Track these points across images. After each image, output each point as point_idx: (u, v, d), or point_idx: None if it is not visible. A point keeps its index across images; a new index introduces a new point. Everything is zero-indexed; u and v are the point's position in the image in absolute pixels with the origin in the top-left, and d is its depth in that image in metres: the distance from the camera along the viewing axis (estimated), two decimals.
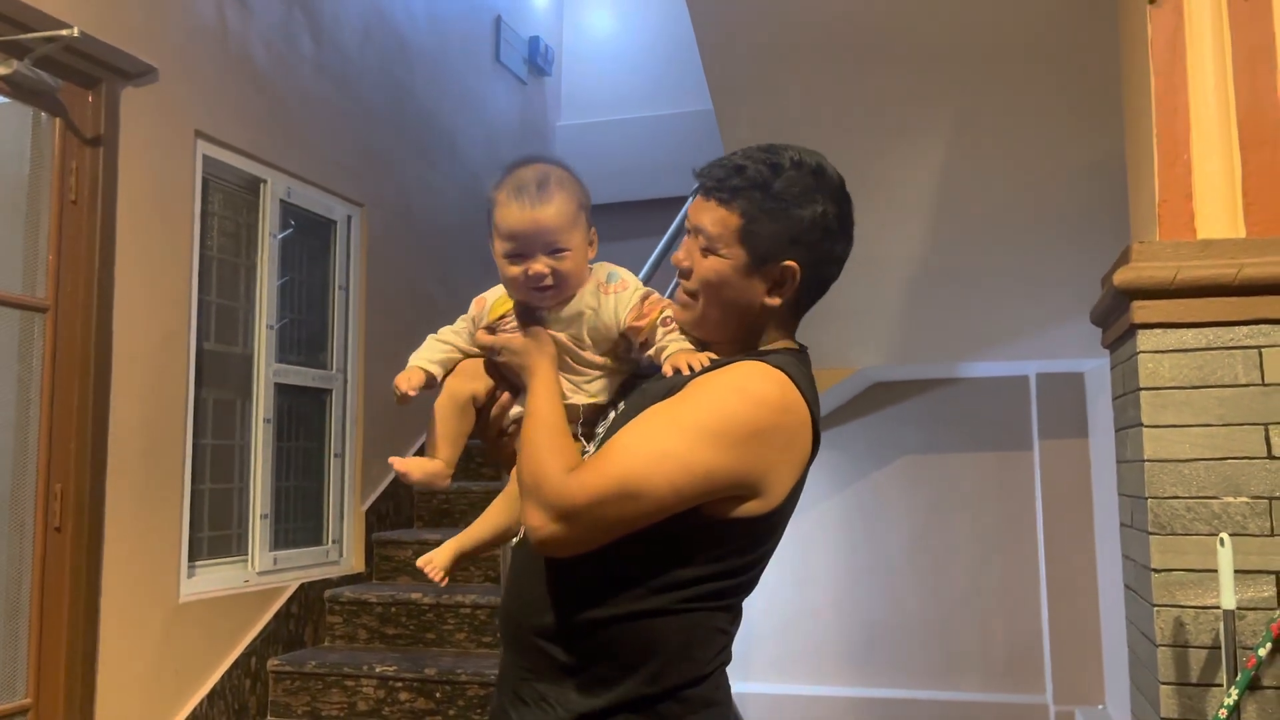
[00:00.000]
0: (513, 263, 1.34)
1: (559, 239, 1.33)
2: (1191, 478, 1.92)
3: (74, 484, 2.72)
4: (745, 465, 1.23)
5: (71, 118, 2.77)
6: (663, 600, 1.26)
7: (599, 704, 1.25)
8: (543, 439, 1.27)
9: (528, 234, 1.32)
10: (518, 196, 1.32)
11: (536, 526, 1.21)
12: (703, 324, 1.34)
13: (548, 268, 1.32)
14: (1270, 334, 1.92)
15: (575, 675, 1.27)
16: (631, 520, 1.21)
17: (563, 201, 1.33)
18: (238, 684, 3.24)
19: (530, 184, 1.33)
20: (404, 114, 4.36)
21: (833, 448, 5.67)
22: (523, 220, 1.32)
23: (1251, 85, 1.99)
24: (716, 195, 1.31)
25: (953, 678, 5.39)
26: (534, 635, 1.30)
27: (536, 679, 1.30)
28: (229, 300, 3.39)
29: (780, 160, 1.33)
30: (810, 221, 1.32)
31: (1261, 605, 1.86)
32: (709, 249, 1.31)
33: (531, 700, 1.31)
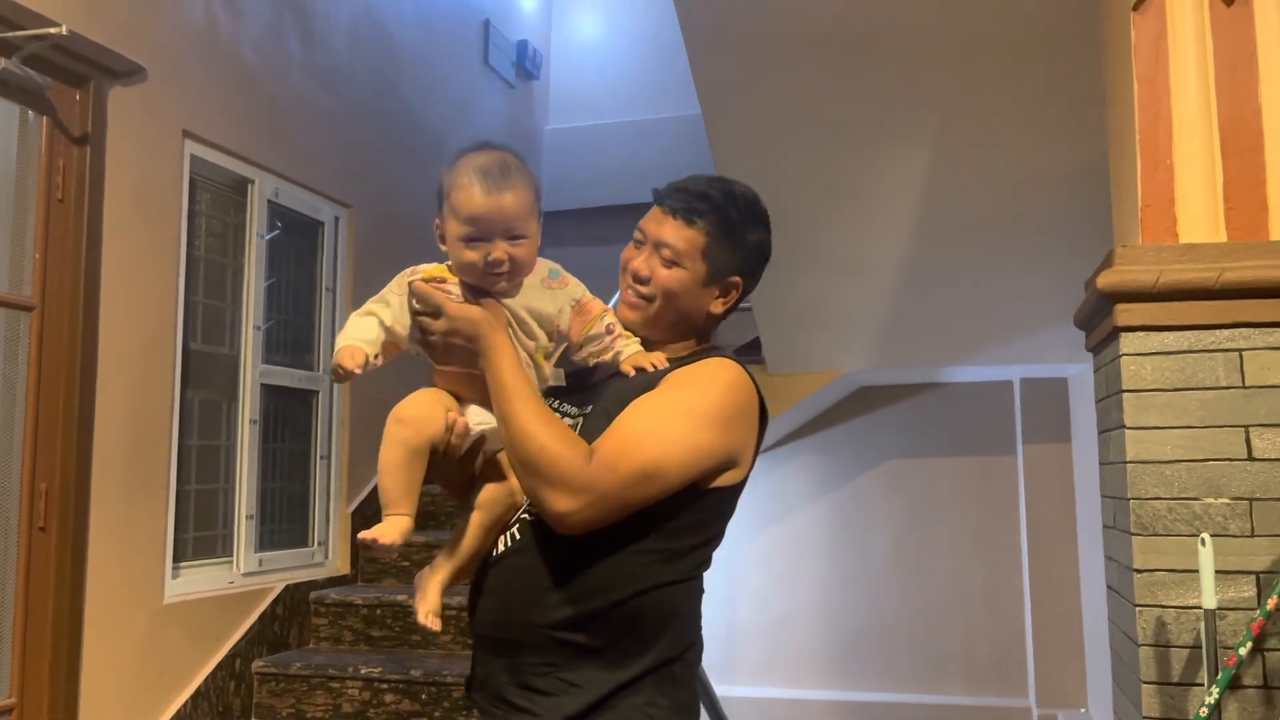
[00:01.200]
0: (471, 247, 1.37)
1: (519, 225, 1.37)
2: (1173, 479, 1.94)
3: (59, 484, 2.71)
4: (732, 442, 1.42)
5: (59, 116, 2.77)
6: (673, 570, 1.42)
7: (629, 675, 1.38)
8: (532, 417, 1.35)
9: (491, 218, 1.35)
10: (483, 180, 1.35)
11: (564, 511, 1.31)
12: (654, 325, 1.50)
13: (506, 253, 1.37)
14: (1251, 337, 1.94)
15: (602, 655, 1.38)
16: (648, 499, 1.35)
17: (524, 188, 1.38)
18: (222, 685, 3.23)
19: (494, 168, 1.37)
20: (392, 116, 4.37)
21: (818, 452, 5.69)
22: (487, 205, 1.35)
23: (1233, 92, 2.01)
24: (684, 215, 1.47)
25: (936, 681, 5.41)
26: (551, 630, 1.38)
27: (559, 669, 1.39)
28: (216, 301, 3.38)
29: (734, 191, 1.51)
30: (755, 245, 1.53)
31: (1242, 605, 1.88)
32: (673, 261, 1.46)
33: (554, 690, 1.38)
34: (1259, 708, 1.86)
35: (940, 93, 3.05)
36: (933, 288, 4.07)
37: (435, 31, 4.79)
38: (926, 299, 4.16)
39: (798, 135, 3.33)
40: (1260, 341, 1.94)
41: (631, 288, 1.49)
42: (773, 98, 3.18)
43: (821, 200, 3.59)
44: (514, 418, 1.34)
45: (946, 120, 3.17)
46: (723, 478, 1.43)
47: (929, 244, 3.75)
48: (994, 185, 3.41)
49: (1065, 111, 2.98)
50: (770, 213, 1.55)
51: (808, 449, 5.70)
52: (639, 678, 1.39)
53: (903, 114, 3.17)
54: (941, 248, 3.78)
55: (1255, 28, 2.02)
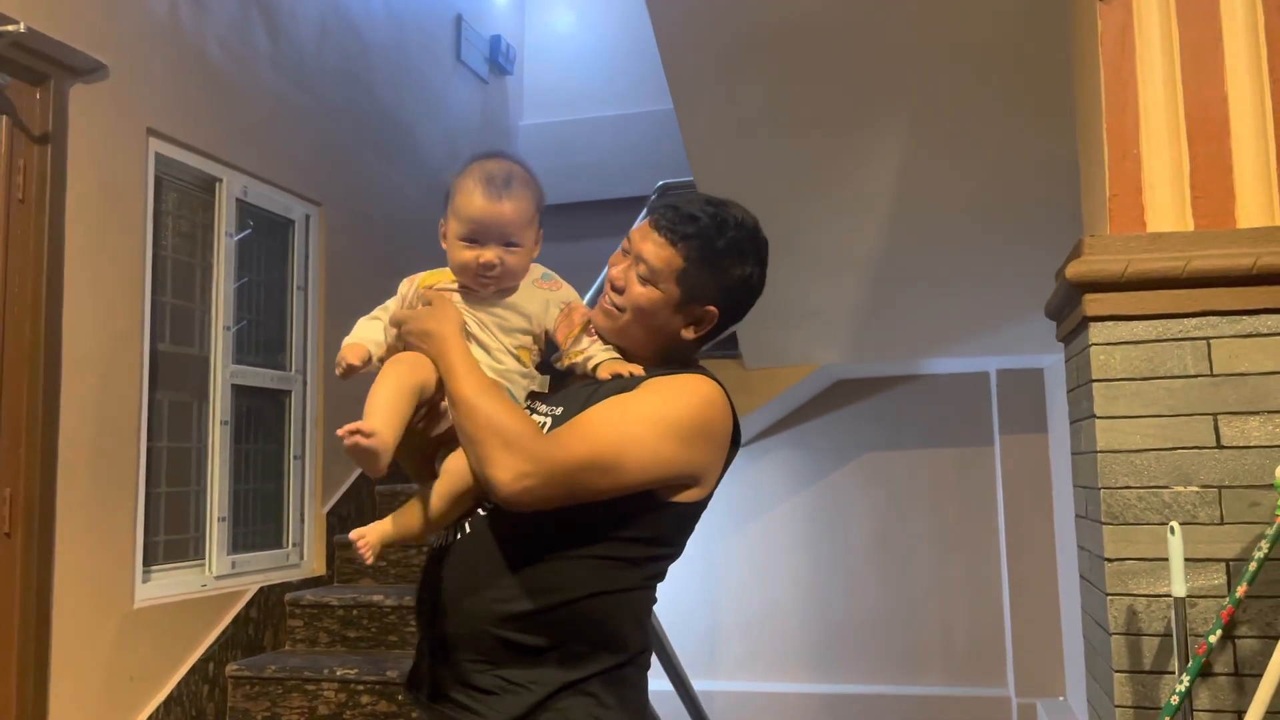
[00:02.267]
0: (467, 247, 1.42)
1: (515, 233, 1.43)
2: (1143, 468, 1.95)
3: (24, 489, 2.67)
4: (695, 458, 1.41)
5: (19, 115, 2.72)
6: (625, 578, 1.41)
7: (576, 676, 1.38)
8: (479, 392, 1.36)
9: (488, 223, 1.41)
10: (486, 186, 1.41)
11: (509, 479, 1.30)
12: (623, 336, 1.49)
13: (498, 258, 1.42)
14: (1218, 325, 1.95)
15: (547, 656, 1.37)
16: (597, 492, 1.34)
17: (525, 200, 1.43)
18: (195, 690, 3.19)
19: (499, 177, 1.42)
20: (363, 112, 4.33)
21: (795, 445, 5.70)
22: (486, 210, 1.41)
23: (1199, 80, 2.02)
24: (667, 233, 1.44)
25: (916, 672, 5.43)
26: (498, 626, 1.37)
27: (498, 667, 1.37)
28: (184, 301, 3.34)
29: (727, 217, 1.46)
30: (740, 279, 1.48)
31: (1212, 593, 1.89)
32: (647, 279, 1.44)
33: (496, 688, 1.37)
34: (1230, 695, 1.87)
35: (912, 86, 3.04)
36: (908, 280, 4.07)
37: (406, 26, 4.75)
38: (902, 291, 4.16)
39: (770, 130, 3.32)
40: (1228, 330, 1.95)
41: (608, 295, 1.50)
42: (745, 92, 3.17)
43: (795, 194, 3.59)
44: (461, 395, 1.35)
45: (919, 113, 3.17)
46: (684, 494, 1.42)
47: (903, 237, 3.75)
48: (967, 177, 3.41)
49: (1037, 103, 2.99)
50: (743, 206, 1.53)
51: (786, 443, 5.70)
52: (587, 678, 1.38)
53: (875, 107, 3.17)
54: (916, 240, 3.79)
55: (1221, 16, 2.03)
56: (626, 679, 1.42)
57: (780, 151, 3.40)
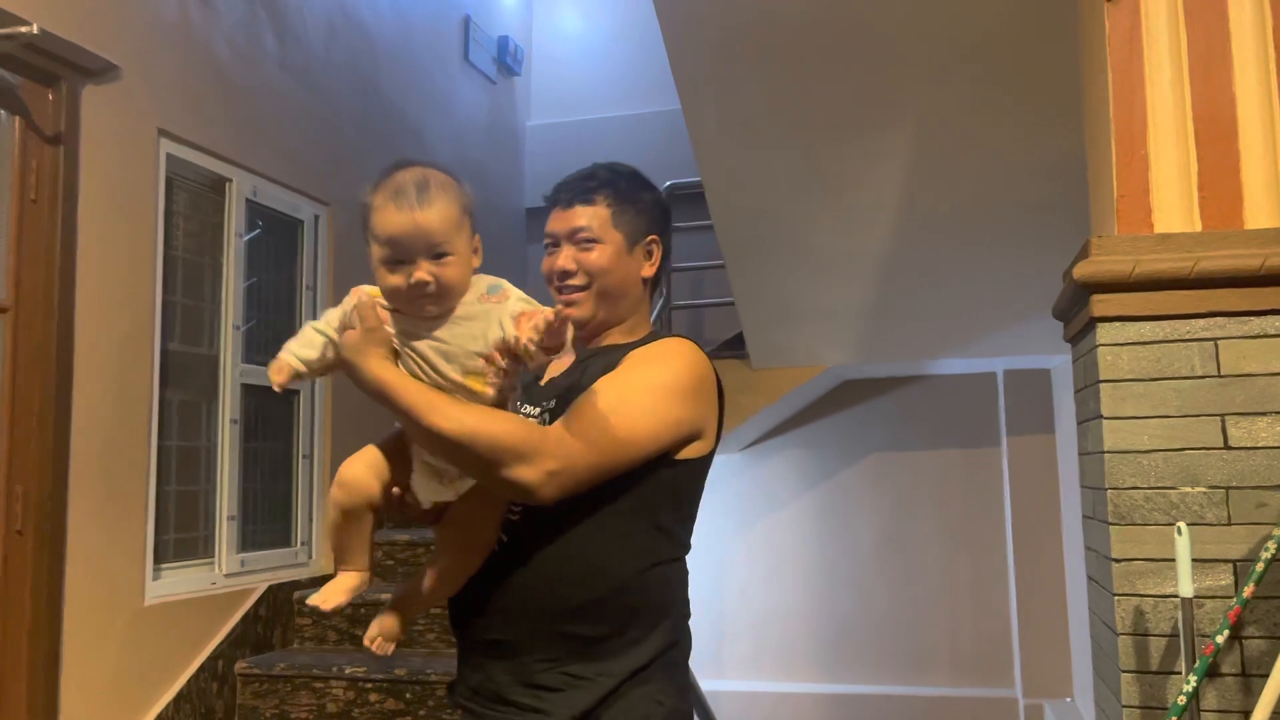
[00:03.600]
0: (392, 270, 1.28)
1: (441, 242, 1.27)
2: (1150, 468, 1.95)
3: (36, 486, 2.69)
4: (696, 413, 1.46)
5: (32, 116, 2.74)
6: (663, 547, 1.47)
7: (638, 664, 1.41)
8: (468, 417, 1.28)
9: (409, 238, 1.26)
10: (396, 199, 1.27)
11: (541, 480, 1.30)
12: (598, 309, 1.54)
13: (430, 274, 1.26)
14: (1226, 326, 1.95)
15: (609, 644, 1.40)
16: (621, 466, 1.38)
17: (445, 204, 1.28)
18: (205, 687, 3.21)
19: (409, 186, 1.27)
20: (371, 113, 4.34)
21: (802, 446, 5.70)
22: (402, 223, 1.26)
23: (1207, 81, 2.02)
24: (581, 200, 1.54)
25: (922, 673, 5.43)
26: (558, 624, 1.39)
27: (565, 663, 1.39)
28: (194, 300, 3.36)
29: (614, 166, 1.59)
30: (655, 202, 1.60)
31: (1219, 593, 1.89)
32: (591, 241, 1.52)
33: (562, 685, 1.39)
34: (1237, 695, 1.87)
35: (919, 86, 3.05)
36: (915, 280, 4.07)
37: (414, 27, 4.77)
38: (909, 292, 4.16)
39: (778, 129, 3.33)
40: (1236, 330, 1.95)
41: (563, 288, 1.52)
42: (752, 93, 3.18)
43: (803, 194, 3.59)
44: (442, 429, 1.27)
45: (925, 113, 3.17)
46: (690, 449, 1.47)
47: (910, 237, 3.75)
48: (974, 177, 3.41)
49: (1044, 103, 2.99)
50: (751, 207, 1.60)
51: (792, 443, 5.70)
52: (646, 665, 1.42)
53: (882, 107, 3.17)
54: (923, 240, 3.79)
55: (1229, 17, 2.03)
56: (677, 663, 1.48)
57: (787, 151, 3.40)
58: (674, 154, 5.17)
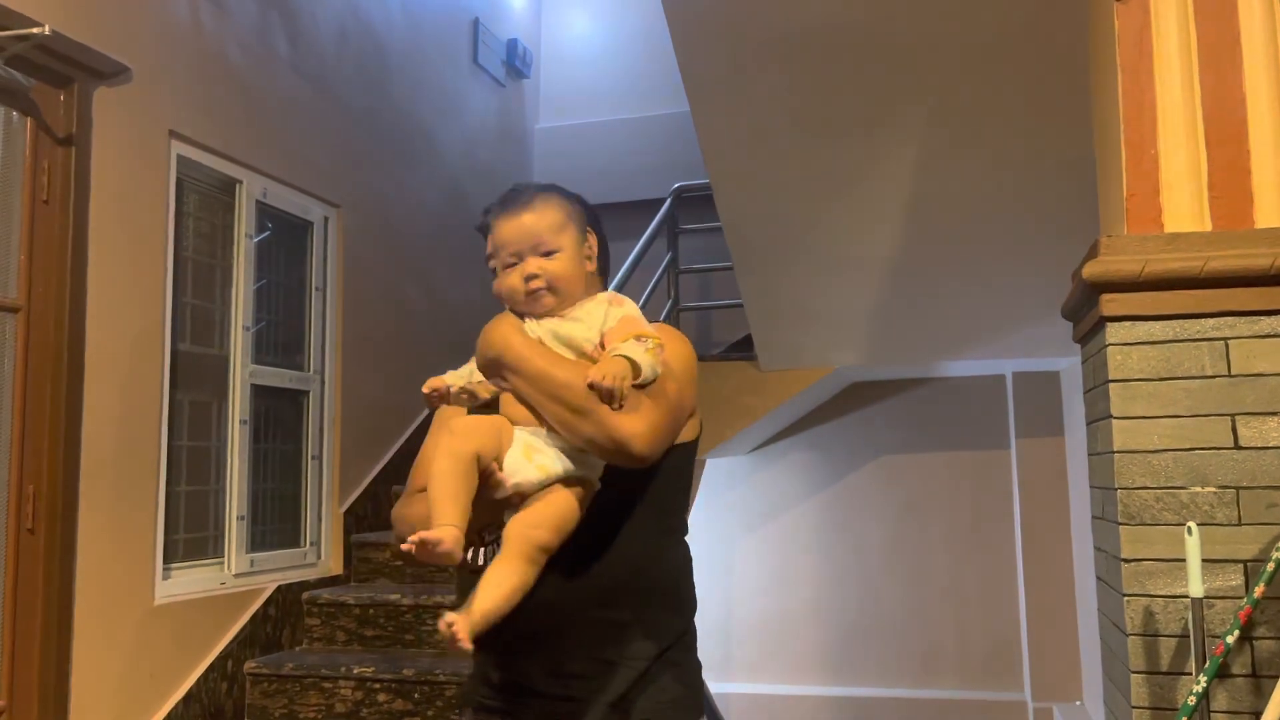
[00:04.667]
0: (509, 272, 1.44)
1: (547, 239, 1.44)
2: (1160, 468, 1.94)
3: (47, 486, 2.70)
4: (694, 396, 1.53)
5: (44, 117, 2.76)
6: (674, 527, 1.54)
7: (665, 644, 1.46)
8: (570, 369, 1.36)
9: (517, 238, 1.43)
10: (504, 209, 1.46)
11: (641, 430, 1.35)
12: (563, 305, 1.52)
13: (539, 267, 1.42)
14: (1236, 326, 1.94)
15: (639, 627, 1.44)
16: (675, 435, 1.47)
17: (546, 207, 1.46)
18: (214, 687, 3.22)
19: (515, 198, 1.47)
20: (381, 115, 4.36)
21: (810, 448, 5.69)
22: (510, 227, 1.44)
23: (1217, 81, 2.02)
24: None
25: (932, 676, 5.41)
26: (590, 608, 1.42)
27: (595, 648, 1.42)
28: (204, 301, 3.37)
29: (530, 182, 1.64)
30: (581, 204, 1.57)
31: (1229, 594, 1.88)
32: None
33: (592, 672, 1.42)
34: (1247, 696, 1.86)
35: (927, 87, 3.04)
36: (923, 282, 4.06)
37: (424, 30, 4.78)
38: (917, 294, 4.16)
39: (786, 131, 3.33)
40: (1246, 330, 1.94)
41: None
42: (761, 94, 3.18)
43: (811, 196, 3.59)
44: (559, 379, 1.36)
45: (935, 114, 3.17)
46: (686, 431, 1.53)
47: (919, 238, 3.75)
48: (983, 178, 3.41)
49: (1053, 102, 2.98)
50: (760, 209, 1.62)
51: (800, 445, 5.70)
52: (672, 646, 1.47)
53: (891, 109, 3.17)
54: (931, 242, 3.78)
55: (1239, 16, 2.03)
56: (691, 645, 1.54)
57: (796, 153, 3.40)
58: (683, 156, 5.18)
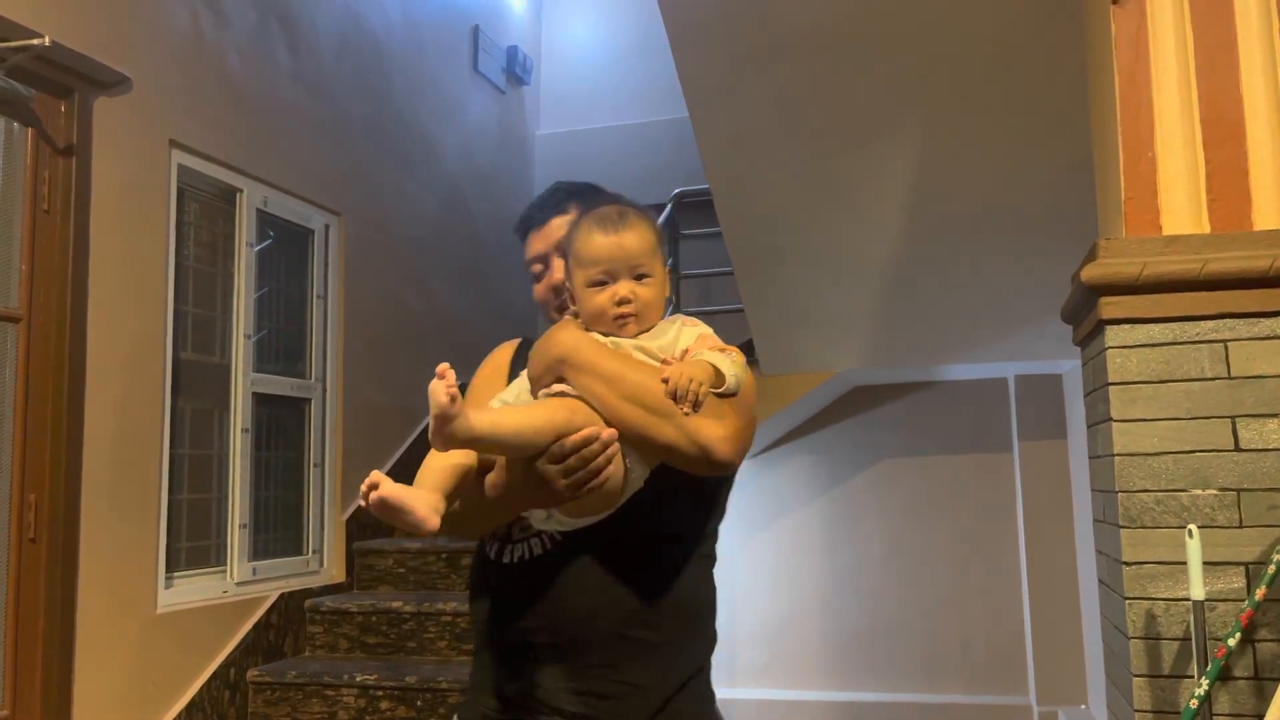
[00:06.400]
0: (597, 290, 1.38)
1: (642, 263, 1.39)
2: (1160, 471, 1.94)
3: (49, 495, 2.71)
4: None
5: (45, 127, 2.77)
6: (703, 551, 1.51)
7: (685, 674, 1.43)
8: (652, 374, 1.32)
9: (613, 258, 1.37)
10: (601, 225, 1.39)
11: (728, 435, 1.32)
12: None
13: (631, 291, 1.37)
14: (1235, 328, 1.94)
15: (661, 652, 1.41)
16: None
17: (645, 228, 1.40)
18: (217, 695, 3.22)
19: (613, 214, 1.40)
20: (381, 123, 4.37)
21: (812, 452, 5.69)
22: (608, 244, 1.38)
23: (1213, 83, 2.02)
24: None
25: (936, 680, 5.40)
26: (619, 627, 1.38)
27: (619, 670, 1.38)
28: (206, 310, 3.38)
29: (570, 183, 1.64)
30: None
31: (1231, 596, 1.88)
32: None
33: (615, 693, 1.38)
34: (1249, 699, 1.85)
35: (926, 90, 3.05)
36: (924, 285, 4.06)
37: (424, 38, 4.80)
38: (919, 297, 4.15)
39: (785, 136, 3.33)
40: (1245, 332, 1.94)
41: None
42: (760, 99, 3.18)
43: (811, 200, 3.59)
44: (637, 382, 1.30)
45: (933, 117, 3.17)
46: None
47: (919, 241, 3.75)
48: (982, 181, 3.41)
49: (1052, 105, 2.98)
50: (760, 213, 1.59)
51: (802, 449, 5.69)
52: (694, 675, 1.45)
53: (890, 112, 3.17)
54: (932, 245, 3.78)
55: (1235, 17, 2.03)
56: (709, 678, 1.51)
57: (795, 158, 3.40)
58: (682, 161, 5.18)
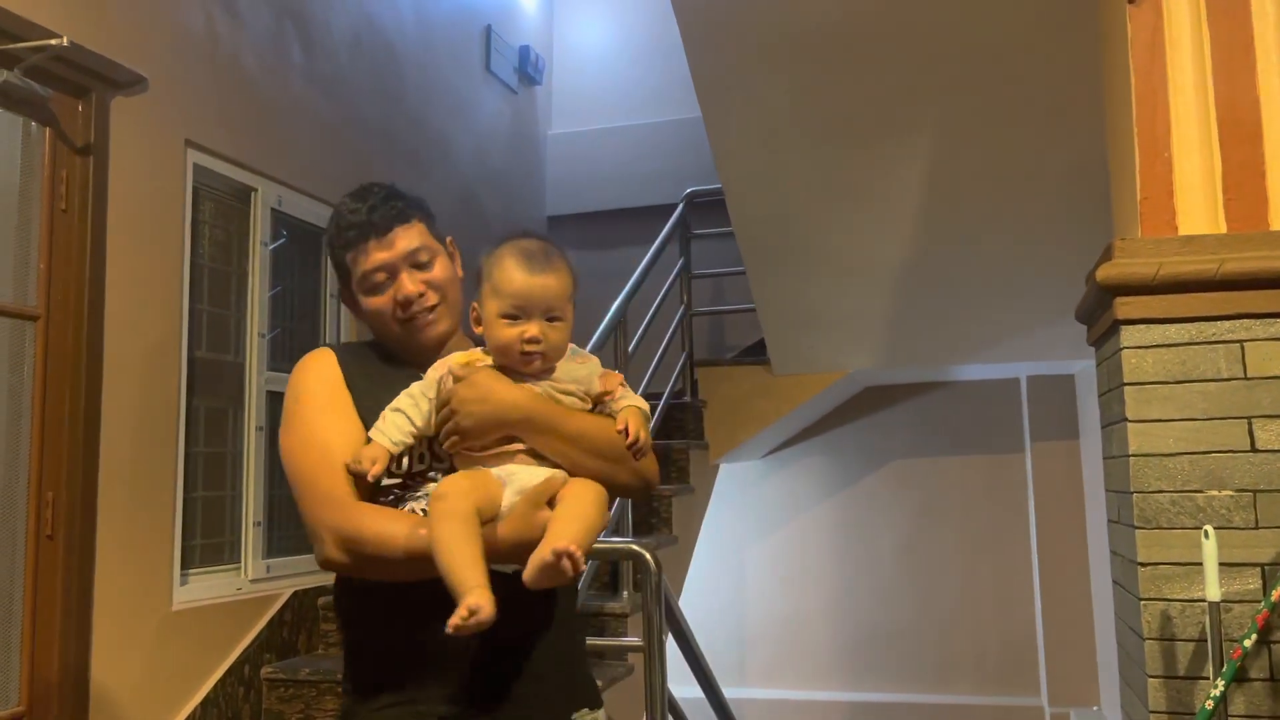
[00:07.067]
0: (509, 325, 1.39)
1: (557, 306, 1.41)
2: (1176, 472, 1.94)
3: (66, 492, 2.72)
4: None
5: (62, 127, 2.78)
6: None
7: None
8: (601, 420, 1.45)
9: (533, 297, 1.39)
10: (527, 261, 1.40)
11: (657, 470, 1.52)
12: (452, 324, 1.55)
13: (541, 332, 1.39)
14: (1252, 328, 1.94)
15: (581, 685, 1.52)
16: None
17: (565, 273, 1.42)
18: (231, 692, 3.24)
19: (538, 252, 1.41)
20: (394, 123, 4.38)
21: (824, 452, 5.68)
22: (530, 284, 1.39)
23: (1230, 82, 2.01)
24: (398, 223, 1.50)
25: (947, 681, 5.39)
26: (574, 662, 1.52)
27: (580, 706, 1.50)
28: (220, 309, 3.39)
29: (379, 185, 1.56)
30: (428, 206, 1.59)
31: (1247, 597, 1.88)
32: (431, 257, 1.52)
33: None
34: (1265, 700, 1.85)
35: (940, 89, 3.05)
36: (937, 285, 4.06)
37: (436, 38, 4.81)
38: (931, 297, 4.15)
39: (798, 136, 3.33)
40: (1262, 333, 1.94)
41: (419, 312, 1.49)
42: (772, 99, 3.19)
43: (823, 200, 3.59)
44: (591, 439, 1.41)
45: (947, 117, 3.17)
46: None
47: (932, 241, 3.75)
48: (996, 181, 3.40)
49: (1067, 105, 2.98)
50: (772, 213, 1.60)
51: (814, 449, 5.69)
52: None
53: (903, 112, 3.17)
54: (945, 245, 3.78)
55: (1252, 17, 2.02)
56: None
57: (808, 157, 3.41)
58: (695, 161, 5.19)
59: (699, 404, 4.72)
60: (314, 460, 1.41)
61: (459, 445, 1.38)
